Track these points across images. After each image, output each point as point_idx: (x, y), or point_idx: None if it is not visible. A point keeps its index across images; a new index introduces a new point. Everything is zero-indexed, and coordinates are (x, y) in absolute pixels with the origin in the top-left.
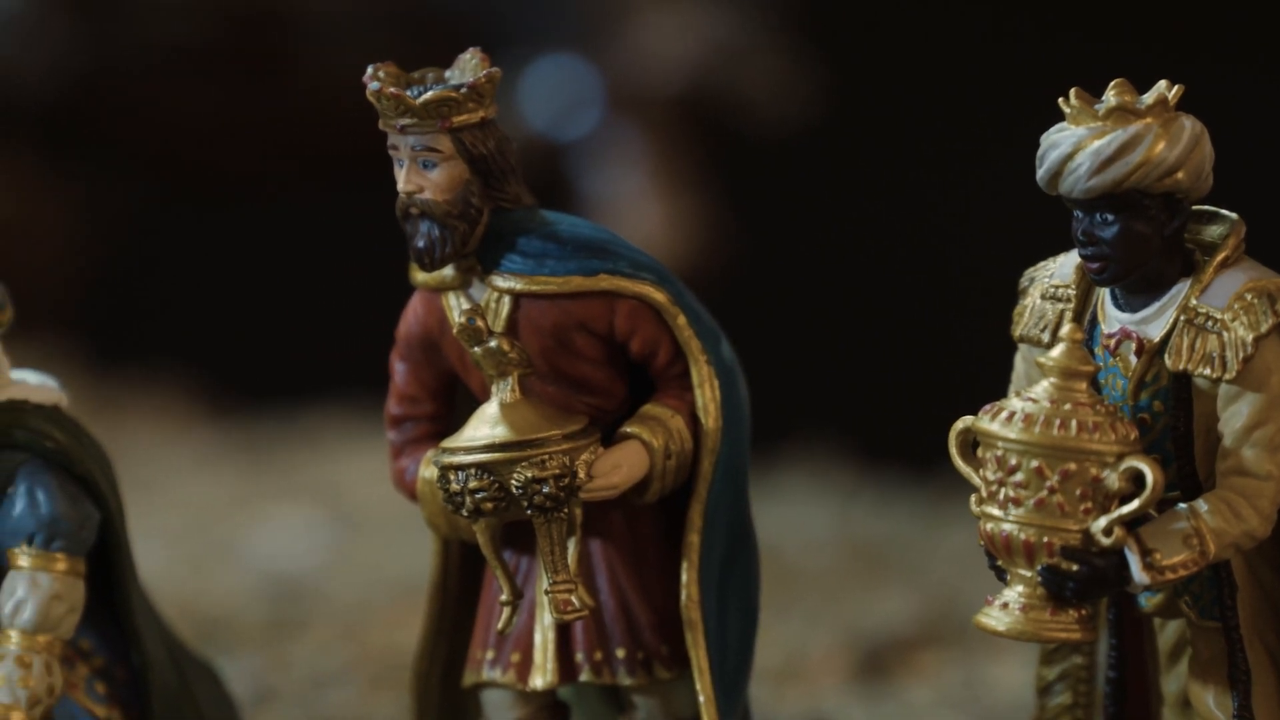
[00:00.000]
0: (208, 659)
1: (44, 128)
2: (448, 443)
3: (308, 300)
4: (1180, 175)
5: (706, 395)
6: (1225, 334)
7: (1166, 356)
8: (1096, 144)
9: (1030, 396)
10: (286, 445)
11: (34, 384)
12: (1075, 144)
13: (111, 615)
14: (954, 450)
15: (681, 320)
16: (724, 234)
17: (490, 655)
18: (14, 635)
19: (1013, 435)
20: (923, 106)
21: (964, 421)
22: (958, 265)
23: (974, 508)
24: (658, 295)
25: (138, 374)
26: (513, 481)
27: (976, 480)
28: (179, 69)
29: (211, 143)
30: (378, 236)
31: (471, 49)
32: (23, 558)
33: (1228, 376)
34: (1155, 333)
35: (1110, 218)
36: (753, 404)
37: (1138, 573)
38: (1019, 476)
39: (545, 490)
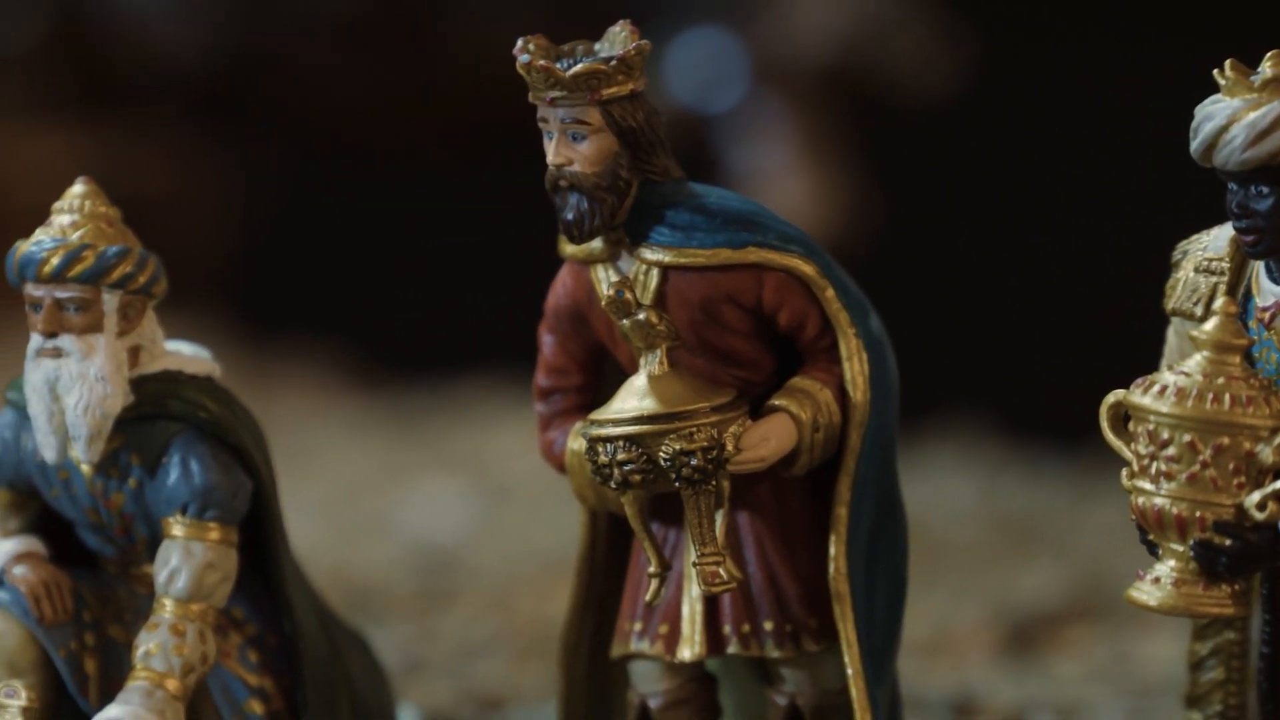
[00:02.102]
0: (358, 628)
1: (198, 100)
2: (596, 415)
3: (458, 272)
4: None
5: (855, 368)
6: None
7: None
8: (1252, 116)
9: (1183, 370)
10: (436, 416)
11: (188, 355)
12: (1230, 116)
13: (264, 584)
14: (1105, 424)
15: (830, 293)
16: (870, 207)
17: (638, 627)
18: (168, 603)
19: (1165, 409)
20: (1071, 78)
21: (1115, 395)
22: (1109, 238)
23: (1125, 482)
24: (806, 268)
25: (289, 345)
26: (661, 454)
27: (1128, 454)
28: (332, 42)
29: (364, 115)
30: (527, 209)
31: (621, 21)
32: (177, 527)
33: None
34: None
35: (1265, 190)
36: (899, 377)
37: None
38: (1171, 451)
39: (693, 462)
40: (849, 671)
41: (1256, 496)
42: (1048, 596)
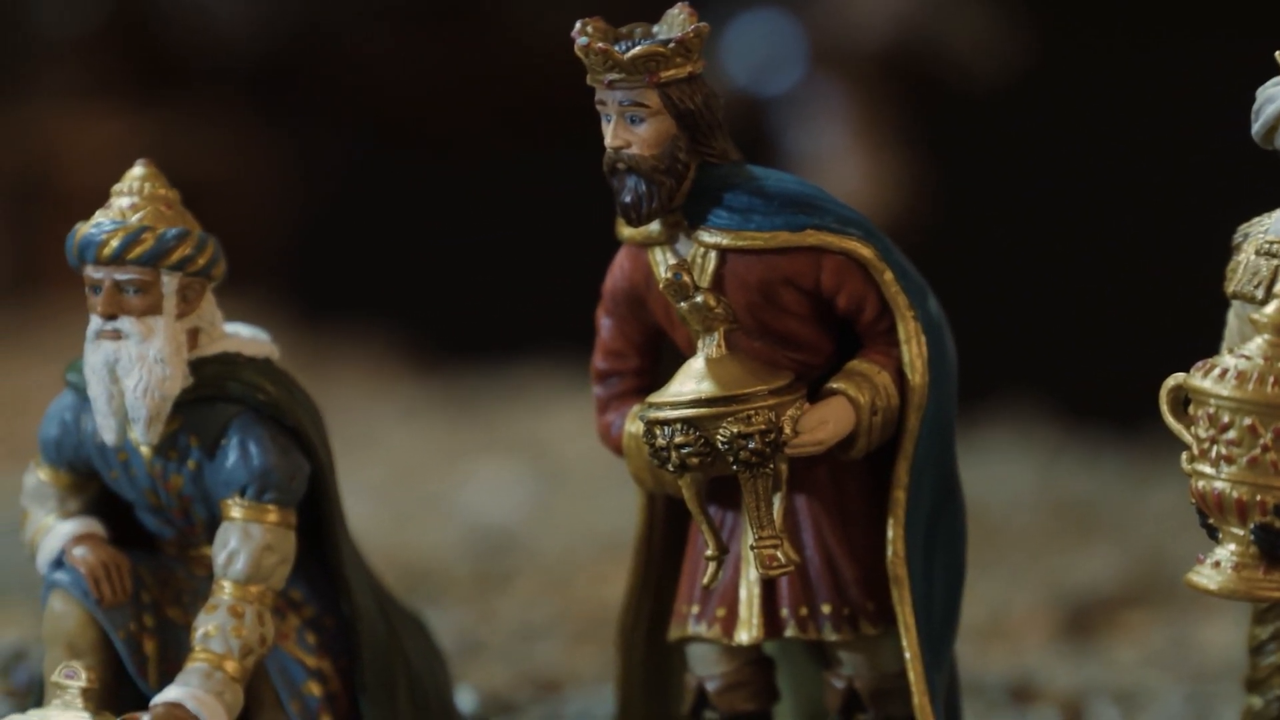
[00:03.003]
0: (416, 610)
1: (257, 83)
2: (653, 398)
3: (515, 255)
4: None
5: (913, 351)
6: None
7: None
8: None
9: (1244, 353)
10: (492, 399)
11: (246, 337)
12: None
13: (322, 566)
14: (1165, 407)
15: (888, 276)
16: (927, 189)
17: (695, 610)
18: (227, 585)
19: (1225, 392)
20: (1129, 60)
21: (1175, 379)
22: (1168, 221)
23: (1185, 465)
24: (864, 250)
25: (346, 328)
26: (718, 437)
27: (1187, 438)
28: (389, 25)
29: (421, 97)
30: (585, 191)
31: (679, 4)
32: (235, 509)
33: None
34: None
35: None
36: (958, 361)
37: None
38: (1231, 434)
39: (751, 446)
40: (907, 655)
41: None
42: (1106, 581)
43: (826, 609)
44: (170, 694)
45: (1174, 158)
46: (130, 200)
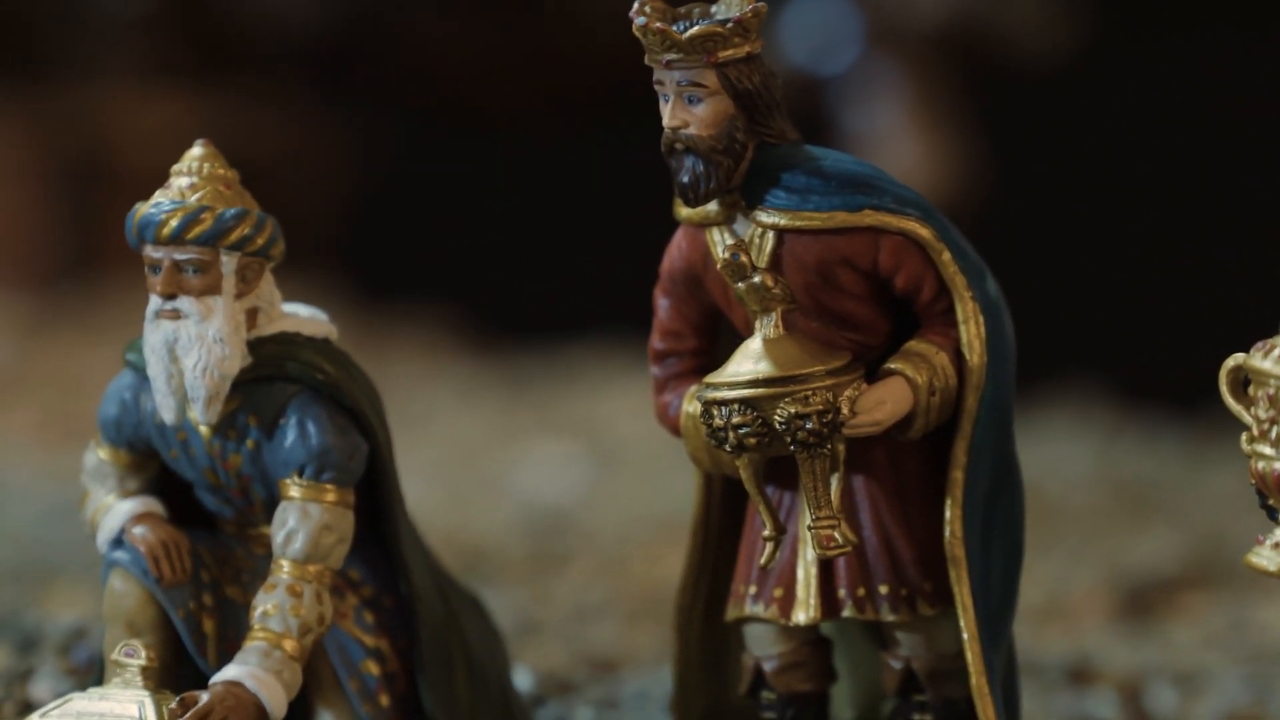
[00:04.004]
0: (473, 590)
1: (315, 64)
2: (711, 378)
3: (571, 235)
4: None
5: (971, 331)
6: None
7: None
8: None
9: None
10: (549, 380)
11: (305, 317)
12: None
13: (379, 546)
14: (1224, 388)
15: (946, 256)
16: (984, 169)
17: (753, 590)
18: (285, 564)
19: None
20: (1187, 40)
21: (1235, 359)
22: (1227, 201)
23: (1245, 446)
24: (923, 231)
25: (403, 309)
26: (776, 417)
27: (1247, 418)
28: (446, 6)
29: (479, 78)
30: (642, 172)
31: None
32: (293, 488)
33: None
34: None
35: None
36: (1016, 341)
37: None
38: None
39: (808, 426)
40: (964, 635)
41: None
42: (1164, 562)
43: (884, 589)
44: (229, 672)
45: (1232, 137)
46: (189, 180)
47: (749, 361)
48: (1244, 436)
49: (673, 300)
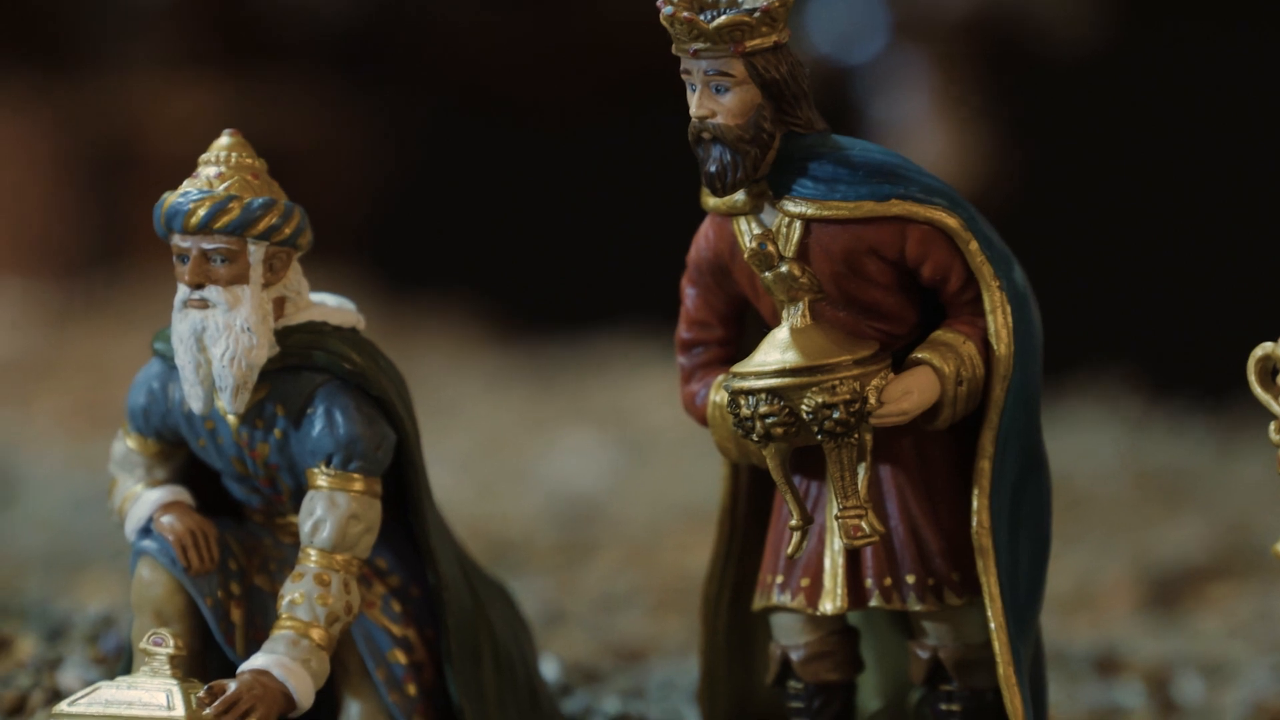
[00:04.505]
0: (500, 580)
1: (343, 54)
2: (738, 368)
3: (598, 225)
4: None
5: (999, 321)
6: None
7: None
8: None
9: None
10: (575, 370)
11: (333, 306)
12: None
13: (407, 535)
14: (1252, 377)
15: (974, 245)
16: (1011, 158)
17: (779, 580)
18: (313, 553)
19: None
20: (1217, 29)
21: (1264, 348)
22: (1254, 191)
23: (1273, 436)
24: (950, 220)
25: (430, 298)
26: (803, 407)
27: (1275, 408)
28: None
29: (505, 69)
30: (669, 161)
31: None
32: (321, 478)
33: None
34: None
35: None
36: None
37: None
38: None
39: (835, 415)
40: (992, 625)
41: None
42: (1191, 552)
43: (911, 579)
44: (257, 661)
45: (1262, 125)
46: (217, 170)
47: (776, 351)
48: (1272, 426)
49: (700, 290)
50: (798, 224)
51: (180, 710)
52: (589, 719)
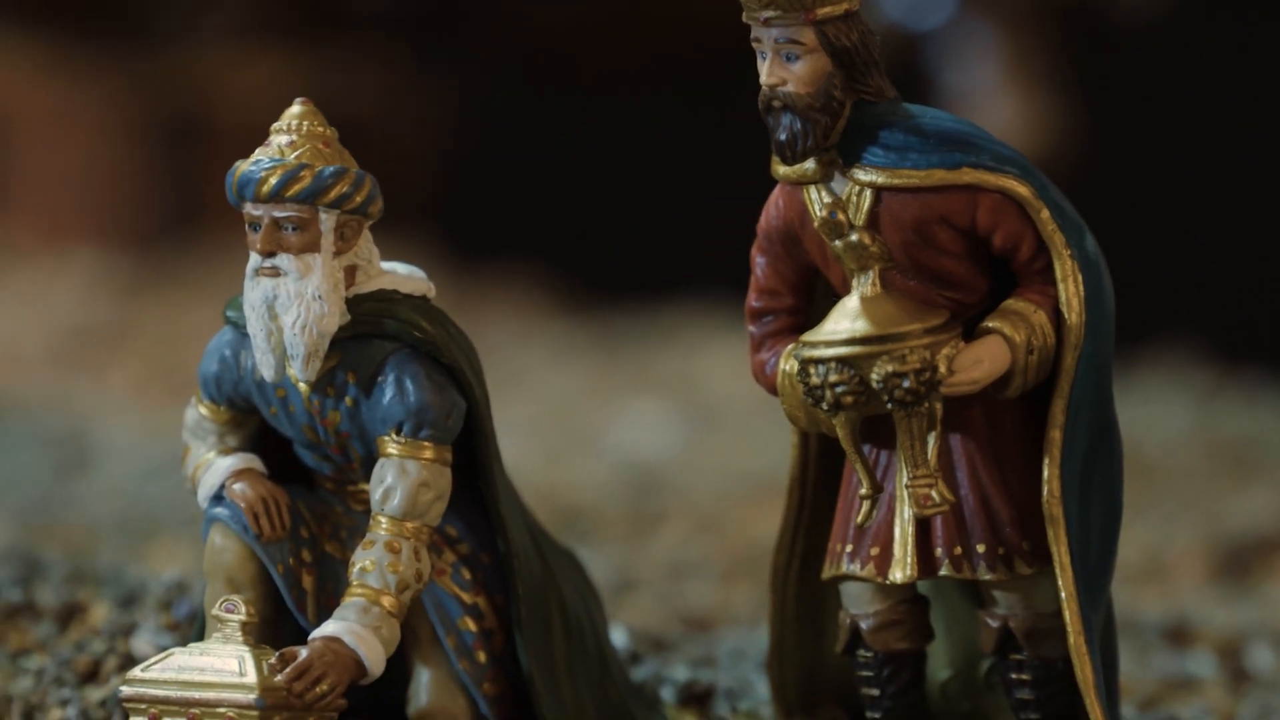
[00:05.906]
0: (570, 548)
1: (414, 23)
2: (808, 336)
3: (668, 194)
4: None
5: (1070, 290)
6: None
7: None
8: None
9: None
10: (643, 339)
11: (403, 274)
12: None
13: (477, 503)
14: None
15: (1045, 214)
16: (1082, 126)
17: (849, 549)
18: (383, 521)
19: None
20: None
21: None
22: None
23: None
24: (1021, 189)
25: (498, 267)
26: (873, 376)
27: None
28: None
29: (576, 38)
30: (739, 129)
31: None
32: (391, 445)
33: None
34: None
35: None
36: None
37: None
38: None
39: (905, 385)
40: (1062, 595)
41: None
42: (1263, 522)
43: (981, 548)
44: (328, 628)
45: None
46: (289, 138)
47: (846, 320)
48: None
49: (769, 258)
50: (868, 192)
51: (252, 677)
52: (658, 687)
